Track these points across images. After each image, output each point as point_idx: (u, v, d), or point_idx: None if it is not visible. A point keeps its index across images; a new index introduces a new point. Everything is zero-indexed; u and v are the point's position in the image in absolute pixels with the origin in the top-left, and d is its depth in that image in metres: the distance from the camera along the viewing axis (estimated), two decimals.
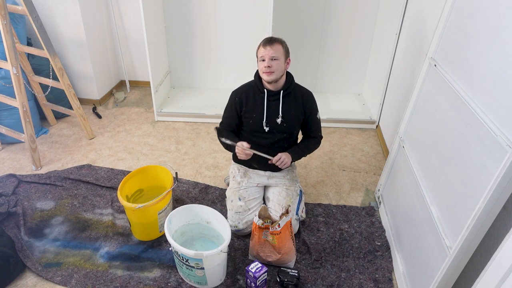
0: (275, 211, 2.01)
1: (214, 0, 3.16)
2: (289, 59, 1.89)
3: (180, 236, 1.90)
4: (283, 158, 1.91)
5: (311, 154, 2.74)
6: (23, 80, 2.43)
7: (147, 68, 2.99)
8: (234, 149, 1.94)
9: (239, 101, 1.96)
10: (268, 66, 1.81)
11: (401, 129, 2.06)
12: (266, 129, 1.94)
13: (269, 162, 1.94)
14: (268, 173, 2.10)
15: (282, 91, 1.91)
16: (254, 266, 1.70)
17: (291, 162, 2.00)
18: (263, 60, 1.82)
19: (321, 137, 2.10)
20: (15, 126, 2.65)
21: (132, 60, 3.61)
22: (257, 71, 1.98)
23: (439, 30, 1.73)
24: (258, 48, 1.87)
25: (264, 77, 1.86)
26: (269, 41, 1.82)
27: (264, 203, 2.14)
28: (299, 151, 2.01)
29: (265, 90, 1.92)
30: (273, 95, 1.92)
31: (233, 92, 2.01)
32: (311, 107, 1.98)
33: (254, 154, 2.01)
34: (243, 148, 1.87)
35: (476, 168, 1.29)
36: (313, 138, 2.08)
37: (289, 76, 1.95)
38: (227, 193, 2.13)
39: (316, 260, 1.93)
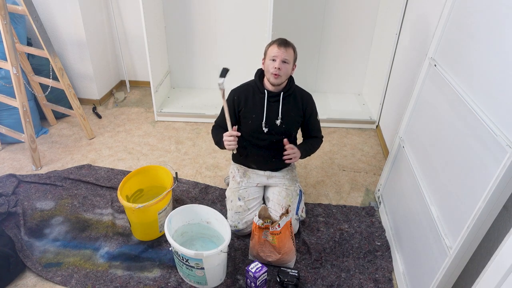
0: (275, 211, 2.01)
1: (214, 0, 3.16)
2: (295, 65, 1.89)
3: (180, 236, 1.90)
4: (296, 154, 1.90)
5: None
6: (23, 80, 2.43)
7: (147, 68, 2.99)
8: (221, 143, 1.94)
9: (237, 101, 1.96)
10: (278, 68, 1.79)
11: (401, 129, 2.06)
12: (265, 130, 1.94)
13: (285, 145, 1.89)
14: (267, 173, 2.10)
15: (282, 93, 1.91)
16: (254, 266, 1.70)
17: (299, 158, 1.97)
18: (274, 60, 1.80)
19: (323, 137, 2.10)
20: (15, 126, 2.65)
21: (132, 60, 3.61)
22: (258, 70, 1.97)
23: (439, 30, 1.73)
24: (270, 46, 1.83)
25: (271, 79, 1.85)
26: (285, 43, 1.80)
27: (264, 203, 2.14)
28: (307, 149, 2.00)
29: (265, 90, 1.91)
30: (273, 96, 1.92)
31: (232, 91, 2.00)
32: (311, 110, 1.98)
33: (253, 153, 2.01)
34: (230, 133, 1.86)
35: (476, 168, 1.29)
36: (315, 137, 2.08)
37: (290, 78, 1.94)
38: (226, 193, 2.13)
39: (316, 260, 1.93)
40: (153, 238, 2.03)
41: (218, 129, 2.02)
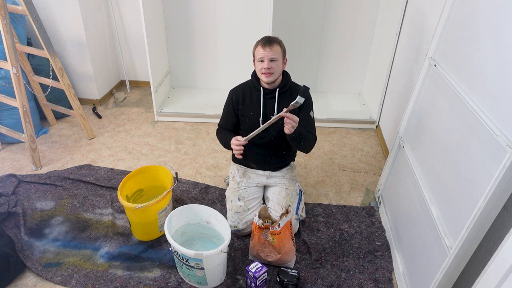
0: (275, 211, 2.01)
1: (214, 0, 3.16)
2: (286, 59, 1.89)
3: (180, 236, 1.90)
4: (296, 120, 1.74)
5: (311, 153, 2.76)
6: (23, 80, 2.43)
7: (147, 68, 2.99)
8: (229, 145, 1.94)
9: (236, 99, 1.97)
10: (268, 68, 1.80)
11: (401, 129, 2.06)
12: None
13: (284, 113, 1.74)
14: (267, 172, 2.10)
15: (278, 89, 1.91)
16: (254, 266, 1.70)
17: (293, 137, 1.81)
18: (262, 61, 1.81)
19: (315, 136, 1.98)
20: (15, 126, 2.65)
21: (132, 60, 3.61)
22: (254, 70, 1.98)
23: (439, 30, 1.73)
24: (256, 47, 1.85)
25: (263, 78, 1.86)
26: (268, 42, 1.81)
27: (264, 203, 2.14)
28: (303, 132, 1.85)
29: (261, 88, 1.92)
30: (269, 93, 1.92)
31: (231, 91, 2.02)
32: (304, 101, 1.95)
33: (252, 152, 2.00)
34: (237, 142, 1.87)
35: (476, 168, 1.29)
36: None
37: (285, 74, 1.95)
38: (226, 193, 2.14)
39: (316, 260, 1.93)
40: (153, 238, 2.03)
41: (223, 131, 2.04)
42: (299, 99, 1.73)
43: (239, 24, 3.25)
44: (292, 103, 1.74)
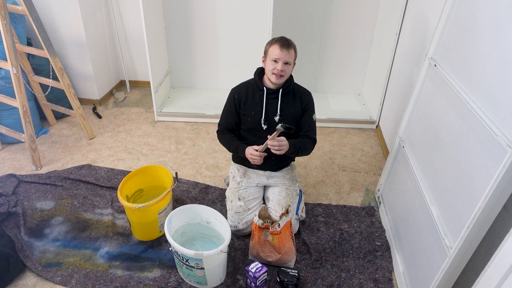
0: (275, 211, 2.01)
1: (214, 0, 3.16)
2: (295, 63, 1.89)
3: (180, 236, 1.90)
4: (283, 145, 1.82)
5: (311, 154, 2.75)
6: (23, 80, 2.43)
7: (147, 68, 2.99)
8: (239, 152, 1.95)
9: (238, 98, 1.96)
10: (281, 70, 1.80)
11: (401, 129, 2.06)
12: (264, 127, 1.94)
13: (269, 138, 1.81)
14: (267, 173, 2.10)
15: (281, 90, 1.91)
16: (254, 266, 1.70)
17: (286, 153, 1.87)
18: (276, 62, 1.80)
19: (315, 140, 2.01)
20: (15, 126, 2.65)
21: (132, 60, 3.61)
22: (258, 69, 1.97)
23: (439, 30, 1.73)
24: (271, 46, 1.83)
25: (273, 79, 1.85)
26: (287, 45, 1.80)
27: (264, 203, 2.14)
28: (296, 145, 1.90)
29: (264, 88, 1.92)
30: (272, 93, 1.92)
31: (232, 89, 2.01)
32: (306, 105, 1.96)
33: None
34: (254, 154, 1.88)
35: (476, 168, 1.29)
36: (306, 137, 1.98)
37: (289, 76, 1.95)
38: (226, 193, 2.13)
39: (316, 260, 1.93)
40: (153, 238, 2.03)
41: (228, 133, 2.03)
42: (280, 127, 1.78)
43: (239, 24, 3.25)
44: (277, 127, 1.78)
